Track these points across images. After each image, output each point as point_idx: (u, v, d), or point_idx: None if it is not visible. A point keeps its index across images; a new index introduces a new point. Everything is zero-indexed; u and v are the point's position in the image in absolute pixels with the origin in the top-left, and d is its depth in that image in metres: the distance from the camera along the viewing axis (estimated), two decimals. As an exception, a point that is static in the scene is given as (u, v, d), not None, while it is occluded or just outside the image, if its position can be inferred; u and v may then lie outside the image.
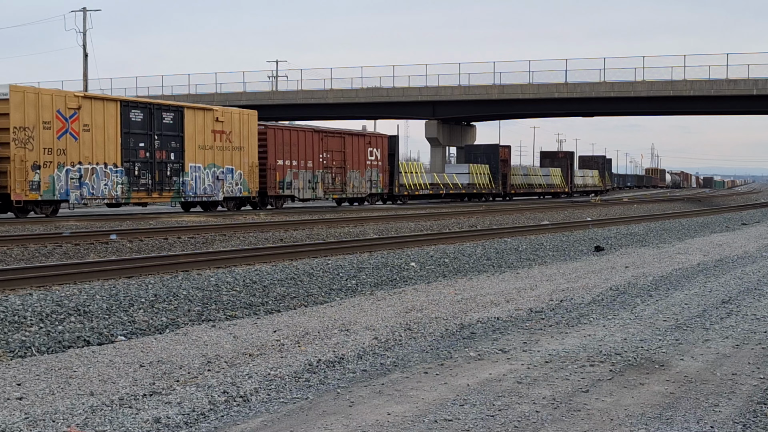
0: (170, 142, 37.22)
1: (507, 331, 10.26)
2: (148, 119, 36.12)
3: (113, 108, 34.50)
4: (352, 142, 49.89)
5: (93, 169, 33.52)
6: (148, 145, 36.10)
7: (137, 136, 35.64)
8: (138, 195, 35.88)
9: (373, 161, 51.89)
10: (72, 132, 32.66)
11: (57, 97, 32.42)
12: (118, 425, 6.41)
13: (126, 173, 35.10)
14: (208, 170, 39.20)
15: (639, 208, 52.38)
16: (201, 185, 38.83)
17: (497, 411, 6.77)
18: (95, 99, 34.27)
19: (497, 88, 71.10)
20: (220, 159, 39.69)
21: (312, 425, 6.41)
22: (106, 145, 34.03)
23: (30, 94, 31.31)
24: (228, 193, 40.30)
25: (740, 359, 8.73)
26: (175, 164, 37.44)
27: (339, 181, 48.90)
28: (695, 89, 65.80)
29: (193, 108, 38.79)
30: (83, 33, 71.67)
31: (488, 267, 18.09)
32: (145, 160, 36.04)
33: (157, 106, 36.91)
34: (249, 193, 41.56)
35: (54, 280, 14.37)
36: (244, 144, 40.97)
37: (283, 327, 10.57)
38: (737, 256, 20.09)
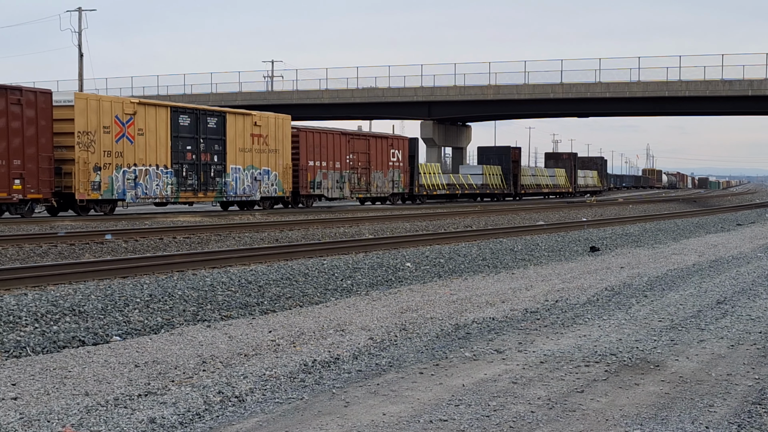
0: (214, 145, 39.57)
1: (502, 332, 10.26)
2: (194, 124, 38.53)
3: (164, 113, 36.86)
4: (376, 144, 52.50)
5: (146, 170, 35.93)
6: (194, 148, 38.50)
7: (185, 139, 38.02)
8: (185, 195, 38.33)
9: (395, 162, 54.47)
10: (128, 136, 35.04)
11: (115, 104, 34.75)
12: (113, 425, 6.41)
13: (175, 174, 37.53)
14: (247, 171, 41.64)
15: (634, 209, 52.43)
16: (241, 186, 41.23)
17: (492, 411, 6.77)
18: (148, 105, 36.61)
19: (493, 88, 71.11)
20: (257, 161, 42.13)
21: (307, 425, 6.41)
22: (157, 148, 36.43)
23: (92, 101, 33.60)
24: (265, 193, 42.79)
25: (735, 360, 8.74)
26: (218, 166, 39.87)
27: (364, 181, 51.35)
28: (690, 90, 65.86)
29: (234, 113, 41.29)
30: (78, 33, 71.59)
31: (483, 267, 18.09)
32: (192, 162, 38.46)
33: (202, 112, 39.31)
34: (283, 192, 44.04)
35: (49, 280, 14.35)
36: (278, 146, 43.40)
37: (278, 327, 10.56)
38: (732, 257, 20.11)
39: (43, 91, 32.00)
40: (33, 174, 30.99)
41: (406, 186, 56.04)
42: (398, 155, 54.90)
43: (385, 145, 53.60)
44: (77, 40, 71.70)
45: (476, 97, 71.92)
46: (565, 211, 47.44)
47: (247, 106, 61.96)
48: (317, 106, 73.56)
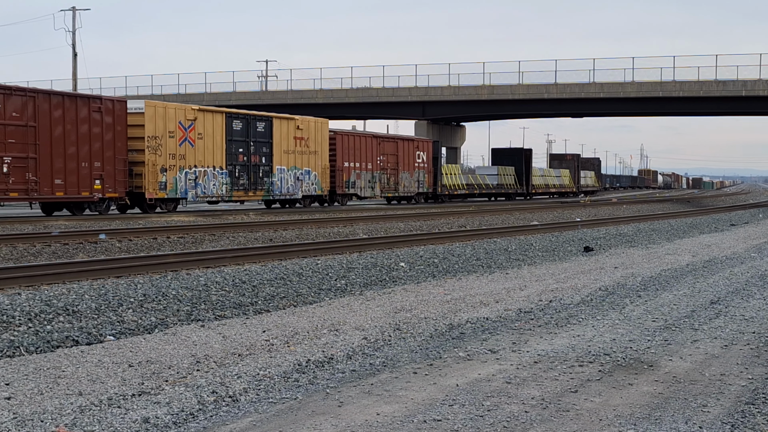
0: (262, 147, 42.83)
1: (496, 332, 10.27)
2: (245, 128, 41.81)
3: (220, 119, 40.22)
4: (403, 146, 56.08)
5: (204, 171, 39.22)
6: (245, 150, 41.73)
7: (237, 142, 41.26)
8: (237, 194, 41.62)
9: (420, 163, 58.07)
10: (189, 140, 38.24)
11: (179, 110, 37.82)
12: (106, 425, 6.40)
13: (229, 175, 40.77)
14: (291, 172, 44.86)
15: (628, 209, 52.48)
16: (285, 185, 44.51)
17: (486, 411, 6.78)
18: (207, 111, 39.92)
19: (487, 88, 71.15)
20: (299, 162, 45.39)
21: (301, 425, 6.41)
22: (214, 151, 39.74)
23: (159, 108, 36.79)
24: (305, 192, 46.12)
25: (729, 360, 8.75)
26: (266, 167, 43.12)
27: (393, 181, 54.77)
28: (684, 90, 65.95)
29: (279, 117, 44.45)
30: (72, 32, 71.52)
31: (477, 267, 18.10)
32: (243, 163, 41.69)
33: (252, 117, 42.52)
34: (322, 191, 47.41)
35: (43, 280, 14.34)
36: (318, 148, 46.74)
37: (272, 327, 10.56)
38: (726, 257, 20.14)
39: (120, 99, 35.45)
40: (110, 175, 34.19)
41: (430, 186, 59.35)
42: (423, 157, 58.42)
43: (412, 147, 57.06)
44: (71, 39, 71.67)
45: (471, 97, 71.95)
46: (559, 212, 47.47)
47: (242, 106, 61.98)
48: (311, 106, 73.48)
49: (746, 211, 51.49)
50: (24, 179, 31.02)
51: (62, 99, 32.67)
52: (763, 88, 63.77)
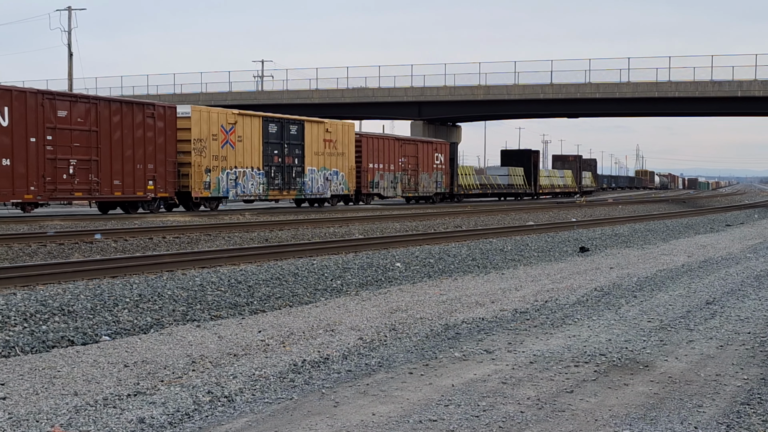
0: (295, 149, 45.16)
1: (492, 332, 10.27)
2: (280, 131, 44.18)
3: (257, 122, 42.56)
4: (423, 149, 58.92)
5: (244, 172, 41.60)
6: (280, 152, 44.15)
7: (273, 145, 43.60)
8: (273, 193, 44.03)
9: (439, 165, 60.88)
10: (230, 142, 40.60)
11: (221, 115, 40.27)
12: (102, 425, 6.39)
13: (265, 175, 43.19)
14: (321, 173, 47.26)
15: (623, 209, 52.51)
16: (315, 185, 46.93)
17: (482, 411, 6.78)
18: (245, 115, 42.11)
19: (483, 88, 71.11)
20: (328, 163, 47.77)
21: (297, 425, 6.41)
22: (252, 153, 42.12)
23: (204, 113, 39.24)
24: (334, 191, 48.54)
25: (724, 360, 8.76)
26: (298, 168, 45.53)
27: (413, 182, 57.45)
28: (680, 91, 65.93)
29: (311, 121, 46.98)
30: (68, 32, 71.41)
31: (473, 267, 18.10)
32: (278, 164, 44.08)
33: (286, 120, 44.97)
34: (348, 191, 49.89)
35: (38, 280, 14.32)
36: (345, 150, 49.12)
37: (268, 327, 10.56)
38: (721, 257, 20.16)
39: (170, 105, 37.62)
40: (162, 176, 36.60)
41: (447, 186, 62.35)
42: (441, 158, 61.23)
43: (431, 150, 59.89)
44: (67, 39, 71.55)
45: (466, 97, 71.89)
46: (554, 212, 47.48)
47: (237, 106, 61.89)
48: (307, 106, 73.39)
49: (742, 211, 51.56)
50: (87, 180, 33.38)
51: (120, 105, 35.08)
52: (759, 88, 63.79)
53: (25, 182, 31.03)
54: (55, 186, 32.09)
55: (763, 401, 7.17)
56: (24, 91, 31.51)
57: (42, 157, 31.58)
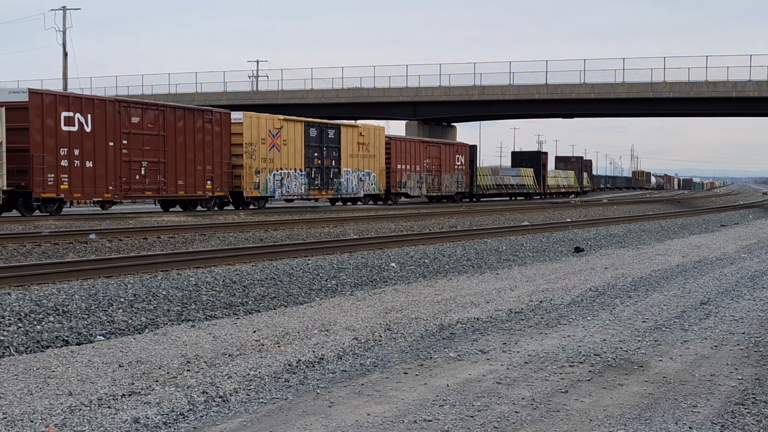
0: (332, 152, 48.21)
1: (487, 332, 10.28)
2: (319, 135, 47.24)
3: (300, 127, 45.61)
4: (445, 150, 62.17)
5: (288, 173, 44.67)
6: (319, 154, 47.17)
7: (313, 148, 46.62)
8: (313, 193, 47.14)
9: (459, 166, 64.20)
10: (276, 146, 43.64)
11: (268, 120, 43.33)
12: (96, 425, 6.39)
13: (306, 176, 46.16)
14: (355, 173, 50.47)
15: (618, 209, 52.53)
16: (350, 185, 50.10)
17: (477, 411, 6.78)
18: (290, 121, 45.16)
19: (478, 89, 71.18)
20: (362, 164, 51.01)
21: (291, 425, 6.41)
22: (295, 155, 45.17)
23: (254, 119, 42.32)
24: (366, 191, 51.79)
25: (719, 360, 8.77)
26: (335, 169, 48.55)
27: (436, 182, 60.69)
28: (675, 91, 66.04)
29: (346, 125, 50.63)
30: (63, 32, 71.37)
31: (468, 268, 18.11)
32: (318, 166, 47.12)
33: (325, 125, 48.26)
34: (379, 191, 53.04)
35: (32, 280, 14.30)
36: (376, 152, 52.36)
37: (262, 327, 10.56)
38: (716, 258, 20.18)
39: (225, 112, 41.00)
40: (218, 176, 39.83)
41: (467, 186, 65.57)
42: (461, 160, 64.46)
43: (452, 151, 63.15)
44: (61, 39, 71.52)
45: (461, 97, 71.97)
46: (549, 212, 47.48)
47: (232, 106, 61.87)
48: (302, 106, 73.42)
49: (736, 211, 51.61)
50: (156, 180, 36.59)
51: (183, 111, 38.26)
52: (754, 89, 63.92)
53: (105, 182, 34.26)
54: (130, 186, 35.40)
55: (758, 401, 7.18)
56: (104, 99, 34.97)
57: (118, 159, 34.79)
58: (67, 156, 32.75)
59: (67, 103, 32.82)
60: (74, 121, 32.96)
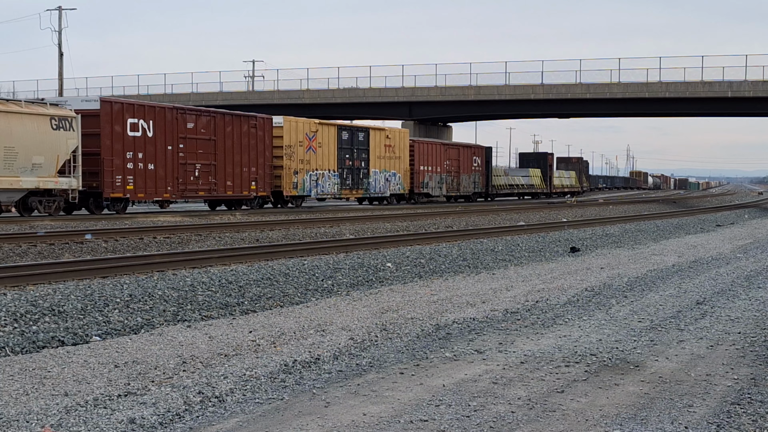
0: (362, 153, 51.45)
1: (483, 332, 10.28)
2: (350, 138, 50.45)
3: (333, 130, 48.89)
4: (464, 152, 65.96)
5: (323, 173, 47.84)
6: (350, 156, 50.33)
7: (344, 150, 49.82)
8: (345, 192, 50.44)
9: (476, 167, 68.05)
10: (312, 148, 46.69)
11: (305, 124, 46.49)
12: (92, 426, 6.38)
13: (339, 177, 49.43)
14: (382, 174, 53.72)
15: (614, 209, 52.54)
16: (378, 185, 53.42)
17: (473, 411, 6.78)
18: (324, 124, 48.35)
19: (474, 89, 71.16)
20: (388, 166, 54.27)
21: (287, 426, 6.40)
22: (329, 157, 48.26)
23: (293, 122, 45.48)
24: (392, 191, 55.11)
25: (714, 360, 8.78)
26: (364, 170, 51.83)
27: (455, 182, 64.27)
28: (670, 91, 66.06)
29: (374, 129, 53.98)
30: (59, 32, 71.24)
31: (464, 268, 18.11)
32: (349, 167, 50.33)
33: (355, 128, 51.94)
34: (404, 190, 56.38)
35: (28, 280, 14.28)
36: (401, 154, 55.70)
37: (258, 327, 10.55)
38: (712, 258, 20.20)
39: (267, 117, 43.95)
40: (261, 177, 42.94)
41: (483, 186, 69.41)
42: (478, 161, 68.33)
43: (470, 153, 67.00)
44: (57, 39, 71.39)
45: (457, 97, 71.95)
46: (545, 212, 47.49)
47: (228, 106, 61.91)
48: (298, 106, 73.35)
49: (732, 211, 51.67)
50: (208, 181, 39.69)
51: (231, 117, 41.28)
52: (749, 89, 63.96)
53: (164, 183, 37.20)
54: (185, 186, 38.41)
55: (754, 401, 7.18)
56: (164, 107, 37.65)
57: (176, 162, 37.74)
58: (132, 159, 35.58)
59: (132, 110, 35.68)
60: (138, 127, 35.86)
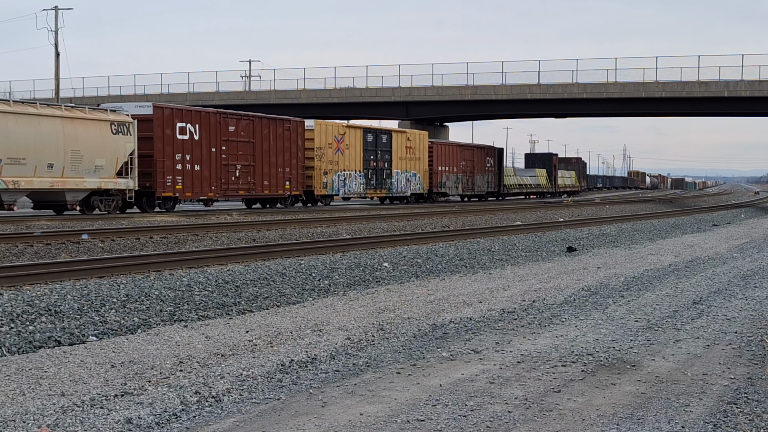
0: (385, 155, 54.21)
1: (479, 332, 10.28)
2: (374, 140, 53.27)
3: (359, 133, 51.90)
4: (478, 153, 69.09)
5: (349, 174, 50.55)
6: (374, 157, 53.16)
7: (369, 151, 52.55)
8: (369, 192, 53.20)
9: (489, 167, 70.98)
10: (340, 150, 49.42)
11: (334, 127, 49.55)
12: (89, 426, 6.38)
13: (364, 177, 52.16)
14: (403, 174, 56.43)
15: (611, 209, 52.55)
16: (400, 185, 56.15)
17: (469, 411, 6.78)
18: (351, 128, 51.43)
19: (470, 88, 71.16)
20: (409, 166, 57.09)
21: (284, 426, 6.40)
22: (355, 158, 51.03)
23: (323, 126, 48.38)
24: (413, 190, 57.83)
25: (711, 359, 8.78)
26: (387, 170, 54.61)
27: (470, 182, 67.18)
28: (667, 91, 66.09)
29: (396, 131, 57.26)
30: (55, 32, 71.18)
31: (461, 267, 18.11)
32: (373, 168, 53.14)
33: (379, 131, 54.95)
34: (423, 190, 59.19)
35: (25, 280, 14.27)
36: (421, 155, 58.54)
37: (255, 327, 10.55)
38: (708, 257, 20.21)
39: (300, 120, 46.27)
40: (295, 177, 45.37)
41: (495, 186, 72.40)
42: (491, 162, 71.25)
43: (483, 154, 70.13)
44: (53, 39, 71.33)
45: (454, 97, 71.94)
46: (542, 212, 47.49)
47: (225, 106, 61.86)
48: (295, 106, 73.31)
49: (728, 211, 51.69)
50: (247, 181, 42.19)
51: (268, 121, 43.62)
52: (746, 88, 64.00)
53: (209, 183, 39.75)
54: (227, 186, 40.87)
55: (750, 400, 7.19)
56: (208, 112, 40.24)
57: (219, 163, 40.20)
58: (180, 161, 37.98)
59: (181, 115, 38.12)
60: (186, 131, 38.26)
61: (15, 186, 30.12)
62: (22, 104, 31.66)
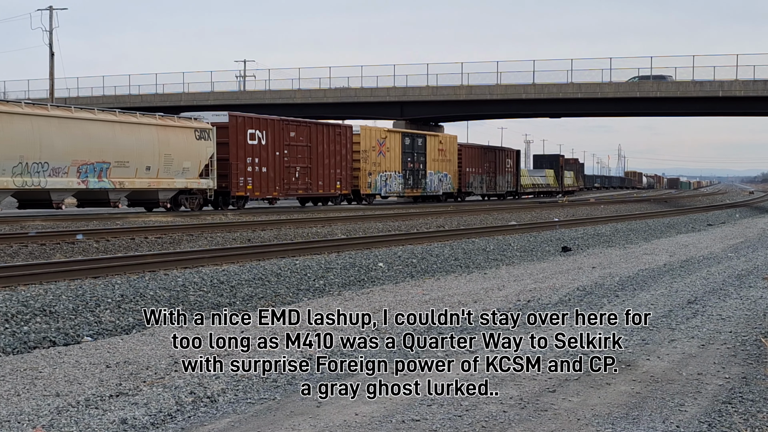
0: (420, 157, 58.80)
1: (474, 331, 10.28)
2: (411, 143, 57.88)
3: (399, 136, 56.84)
4: (499, 155, 74.31)
5: (390, 174, 55.17)
6: (411, 159, 57.67)
7: (407, 153, 57.09)
8: (407, 191, 57.65)
9: (508, 168, 76.29)
10: (382, 152, 53.98)
11: (377, 131, 54.48)
12: (84, 426, 6.37)
13: (403, 177, 56.64)
14: (436, 175, 61.33)
15: (605, 209, 52.57)
16: (433, 185, 60.95)
17: (465, 411, 6.78)
18: (391, 131, 56.79)
19: (465, 88, 71.11)
20: (441, 167, 61.98)
21: (279, 426, 6.40)
22: (394, 160, 55.53)
23: (367, 130, 53.03)
24: (444, 190, 62.58)
25: (706, 359, 8.79)
26: (422, 171, 59.33)
27: (493, 182, 72.11)
28: (662, 91, 66.07)
29: (430, 134, 61.73)
30: (49, 32, 71.07)
31: (456, 267, 18.12)
32: (410, 169, 57.71)
33: (415, 134, 59.44)
34: (453, 189, 64.25)
35: (19, 281, 14.24)
36: (451, 157, 63.65)
37: (251, 327, 10.54)
38: (703, 257, 20.23)
39: (348, 125, 50.82)
40: (344, 178, 49.40)
41: (513, 186, 77.51)
42: (510, 163, 76.54)
43: (504, 156, 75.43)
44: (48, 39, 71.22)
45: (449, 97, 71.87)
46: (537, 212, 47.51)
47: (220, 106, 61.87)
48: (290, 106, 73.20)
49: (723, 211, 51.75)
50: (305, 182, 46.29)
51: (323, 126, 47.85)
52: (740, 88, 64.03)
53: (273, 183, 43.84)
54: (289, 186, 44.99)
55: (745, 400, 7.20)
56: (273, 119, 44.07)
57: (282, 165, 44.20)
58: (251, 163, 42.02)
59: (251, 123, 42.20)
60: (255, 137, 42.46)
61: (120, 186, 34.24)
62: (125, 114, 35.32)
